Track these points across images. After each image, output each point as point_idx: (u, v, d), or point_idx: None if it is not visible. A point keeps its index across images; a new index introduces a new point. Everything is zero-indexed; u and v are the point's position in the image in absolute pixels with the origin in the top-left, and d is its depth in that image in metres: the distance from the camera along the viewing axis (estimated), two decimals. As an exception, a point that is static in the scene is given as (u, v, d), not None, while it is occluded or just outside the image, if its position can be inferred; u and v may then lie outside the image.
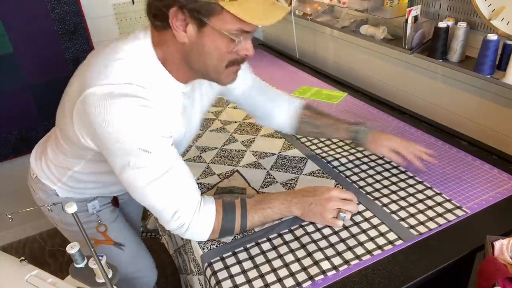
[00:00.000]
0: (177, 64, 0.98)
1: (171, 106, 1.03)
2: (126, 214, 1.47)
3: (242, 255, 1.04)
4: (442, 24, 1.39)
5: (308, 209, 1.10)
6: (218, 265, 1.02)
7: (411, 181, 1.25)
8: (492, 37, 1.25)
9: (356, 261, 0.99)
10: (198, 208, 1.01)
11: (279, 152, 1.45)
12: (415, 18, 1.50)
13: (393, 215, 1.12)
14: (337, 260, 1.00)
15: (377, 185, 1.25)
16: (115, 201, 1.37)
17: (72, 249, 0.83)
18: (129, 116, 0.89)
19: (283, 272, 0.98)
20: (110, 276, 0.85)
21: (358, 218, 1.12)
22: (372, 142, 1.29)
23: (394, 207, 1.15)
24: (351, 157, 1.39)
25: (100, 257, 0.81)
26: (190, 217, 0.99)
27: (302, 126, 1.35)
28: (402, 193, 1.20)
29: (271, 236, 1.09)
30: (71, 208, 0.75)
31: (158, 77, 0.98)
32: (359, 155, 1.40)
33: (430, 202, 1.16)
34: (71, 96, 0.96)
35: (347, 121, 1.35)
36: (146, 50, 0.96)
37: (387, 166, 1.33)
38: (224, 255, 1.04)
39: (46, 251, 2.49)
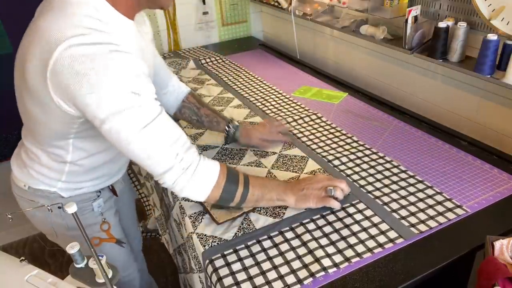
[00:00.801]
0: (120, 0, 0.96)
1: (134, 46, 1.01)
2: (120, 208, 1.45)
3: (243, 252, 1.04)
4: (442, 24, 1.40)
5: (302, 194, 1.14)
6: (219, 262, 1.02)
7: (411, 180, 1.25)
8: (492, 37, 1.25)
9: (357, 258, 1.00)
10: (202, 156, 1.01)
11: (280, 151, 1.45)
12: (415, 18, 1.50)
13: (394, 214, 1.13)
14: (338, 258, 1.00)
15: (378, 184, 1.25)
16: (113, 191, 1.35)
17: (72, 249, 0.83)
18: (112, 61, 0.86)
19: (284, 269, 0.98)
20: (110, 276, 0.85)
21: (359, 216, 1.13)
22: (245, 136, 1.45)
23: (394, 205, 1.16)
24: (352, 156, 1.39)
25: (100, 257, 0.81)
26: (197, 158, 0.98)
27: (183, 110, 1.42)
28: (403, 192, 1.21)
29: (272, 234, 1.09)
30: (71, 208, 0.75)
31: (114, 20, 0.95)
32: (359, 154, 1.40)
33: (430, 201, 1.16)
34: (39, 66, 0.89)
35: (222, 115, 1.49)
36: None
37: (388, 165, 1.33)
38: (225, 252, 1.05)
39: (46, 251, 2.49)
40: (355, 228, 1.09)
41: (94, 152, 1.13)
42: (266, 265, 1.00)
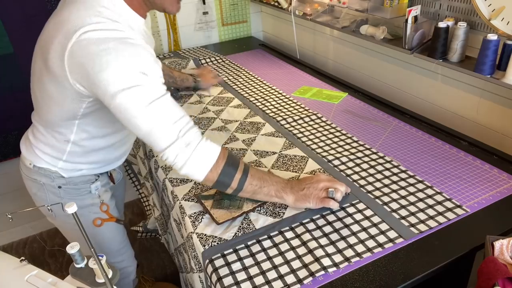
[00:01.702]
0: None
1: (142, 42, 1.08)
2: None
3: (243, 252, 1.04)
4: (442, 24, 1.40)
5: (301, 193, 1.14)
6: (219, 262, 1.02)
7: (411, 180, 1.25)
8: (492, 37, 1.25)
9: (357, 258, 1.00)
10: (202, 136, 1.06)
11: (280, 151, 1.45)
12: (415, 18, 1.50)
13: (394, 214, 1.13)
14: (337, 258, 1.00)
15: (378, 184, 1.25)
16: (111, 178, 1.43)
17: (72, 249, 0.83)
18: (124, 44, 0.97)
19: (284, 269, 0.98)
20: (110, 276, 0.85)
21: (358, 216, 1.13)
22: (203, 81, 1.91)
23: (394, 205, 1.16)
24: (352, 156, 1.39)
25: (100, 257, 0.81)
26: (197, 138, 1.03)
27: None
28: (403, 192, 1.21)
29: (271, 234, 1.09)
30: (71, 208, 0.75)
31: (127, 14, 1.07)
32: (359, 154, 1.40)
33: (430, 201, 1.16)
34: (58, 48, 1.00)
35: (186, 74, 1.92)
36: None
37: (388, 165, 1.33)
38: (225, 252, 1.05)
39: (46, 251, 2.49)
40: (355, 228, 1.09)
41: (96, 135, 1.21)
42: (266, 265, 1.00)
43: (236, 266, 1.01)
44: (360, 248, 1.03)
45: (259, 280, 0.96)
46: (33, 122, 1.26)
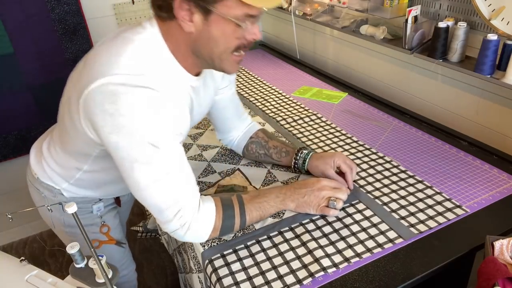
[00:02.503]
0: (185, 55, 0.97)
1: (181, 100, 1.01)
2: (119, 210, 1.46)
3: (243, 253, 1.04)
4: (442, 24, 1.40)
5: (302, 200, 1.12)
6: (218, 262, 1.02)
7: (411, 180, 1.25)
8: (492, 37, 1.25)
9: (357, 259, 1.00)
10: (198, 206, 1.00)
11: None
12: (415, 18, 1.50)
13: (393, 214, 1.13)
14: (337, 258, 1.00)
15: (377, 184, 1.25)
16: (117, 200, 1.37)
17: (72, 249, 0.83)
18: (141, 108, 0.87)
19: (283, 270, 0.98)
20: (110, 276, 0.85)
21: (358, 217, 1.13)
22: (314, 167, 1.26)
23: (394, 205, 1.16)
24: (352, 157, 1.39)
25: (100, 257, 0.81)
26: (192, 216, 0.99)
27: (250, 146, 1.37)
28: (402, 192, 1.21)
29: (271, 234, 1.09)
30: (71, 208, 0.75)
31: (169, 69, 0.96)
32: (359, 155, 1.40)
33: (430, 201, 1.16)
34: (77, 89, 0.92)
35: (293, 145, 1.35)
36: (156, 41, 0.94)
37: (387, 165, 1.33)
38: (225, 252, 1.05)
39: (46, 251, 2.49)
40: (355, 228, 1.09)
41: (110, 170, 1.13)
42: (266, 265, 1.00)
43: (236, 266, 1.01)
44: (359, 248, 1.03)
45: (258, 280, 0.96)
46: (53, 136, 1.19)
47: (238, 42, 0.93)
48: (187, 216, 0.98)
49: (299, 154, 1.29)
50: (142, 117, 0.87)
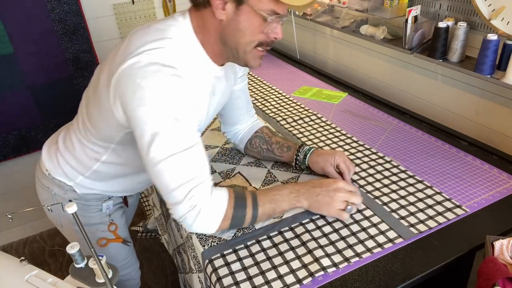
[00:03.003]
0: (213, 45, 1.03)
1: (203, 88, 1.07)
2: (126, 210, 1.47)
3: (243, 252, 1.04)
4: (442, 24, 1.40)
5: (316, 200, 1.11)
6: (218, 262, 1.02)
7: (411, 180, 1.25)
8: (492, 37, 1.25)
9: (356, 258, 1.00)
10: (211, 191, 1.01)
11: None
12: (415, 18, 1.50)
13: (393, 214, 1.13)
14: (337, 258, 1.00)
15: (377, 184, 1.25)
16: (125, 201, 1.39)
17: (72, 249, 0.83)
18: (168, 84, 0.92)
19: (283, 269, 0.98)
20: (110, 276, 0.85)
21: (358, 216, 1.13)
22: (314, 162, 1.28)
23: (394, 205, 1.16)
24: (352, 157, 1.39)
25: (100, 257, 0.81)
26: (204, 198, 0.98)
27: (254, 140, 1.39)
28: (402, 192, 1.21)
29: (271, 234, 1.09)
30: (71, 208, 0.75)
31: (196, 59, 1.03)
32: (359, 155, 1.40)
33: (430, 201, 1.16)
34: (109, 72, 0.98)
35: (294, 141, 1.38)
36: (187, 32, 1.01)
37: (387, 165, 1.33)
38: (225, 252, 1.05)
39: (46, 251, 2.49)
40: (355, 228, 1.09)
41: (127, 162, 1.17)
42: (266, 265, 1.00)
43: (236, 266, 1.01)
44: (359, 248, 1.03)
45: (258, 280, 0.96)
46: (68, 129, 1.22)
47: (262, 37, 1.00)
48: (198, 198, 0.97)
49: (301, 150, 1.30)
50: (168, 93, 0.92)
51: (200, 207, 0.98)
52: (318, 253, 1.01)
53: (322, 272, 0.96)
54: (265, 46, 1.03)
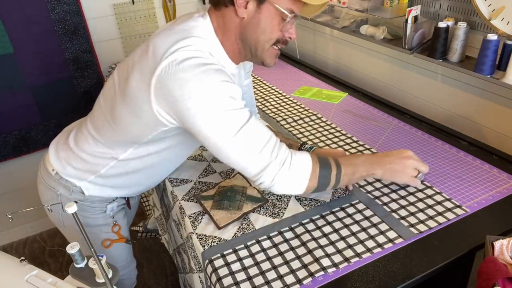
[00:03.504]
0: (233, 43, 1.07)
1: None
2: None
3: (243, 253, 1.04)
4: (442, 24, 1.40)
5: (389, 167, 1.12)
6: (218, 262, 1.02)
7: (411, 180, 1.25)
8: (492, 37, 1.25)
9: (356, 258, 1.00)
10: (292, 150, 1.05)
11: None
12: (415, 18, 1.50)
13: (393, 214, 1.13)
14: (337, 258, 1.00)
15: (377, 184, 1.25)
16: (127, 203, 1.40)
17: (72, 249, 0.83)
18: (212, 72, 0.96)
19: (283, 269, 0.98)
20: (110, 276, 0.85)
21: (358, 217, 1.13)
22: None
23: (394, 205, 1.16)
24: (351, 157, 1.39)
25: (100, 257, 0.81)
26: (289, 153, 1.02)
27: None
28: (402, 192, 1.21)
29: (271, 234, 1.09)
30: (71, 208, 0.75)
31: (218, 57, 1.05)
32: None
33: (430, 201, 1.16)
34: (144, 75, 0.99)
35: (295, 139, 1.39)
36: (208, 31, 1.05)
37: (387, 165, 1.33)
38: (225, 252, 1.05)
39: (46, 251, 2.49)
40: (355, 228, 1.09)
41: (145, 157, 1.18)
42: (266, 265, 1.00)
43: (236, 266, 1.01)
44: (359, 248, 1.03)
45: (258, 280, 0.96)
46: (81, 128, 1.23)
47: (279, 35, 1.06)
48: (284, 154, 1.02)
49: (302, 148, 1.32)
50: (216, 78, 0.96)
51: (289, 162, 1.02)
52: (318, 253, 1.01)
53: (322, 272, 0.96)
54: (281, 44, 1.08)
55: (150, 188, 1.42)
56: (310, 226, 1.11)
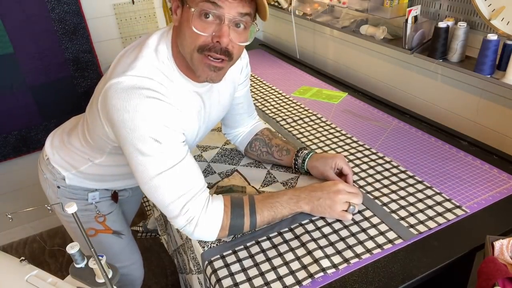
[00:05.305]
0: (181, 58, 1.01)
1: (186, 104, 1.05)
2: (122, 212, 1.48)
3: (242, 253, 1.04)
4: (442, 24, 1.39)
5: (317, 203, 1.10)
6: (218, 263, 1.02)
7: (411, 181, 1.25)
8: (492, 37, 1.25)
9: (356, 259, 1.00)
10: (207, 204, 1.01)
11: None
12: (415, 18, 1.50)
13: (393, 214, 1.13)
14: (337, 259, 1.00)
15: (377, 184, 1.25)
16: (114, 196, 1.40)
17: (72, 249, 0.83)
18: (145, 106, 0.93)
19: (283, 270, 0.98)
20: (110, 276, 0.84)
21: (358, 217, 1.13)
22: (312, 167, 1.27)
23: (394, 206, 1.16)
24: (351, 157, 1.39)
25: (100, 257, 0.81)
26: (199, 211, 1.00)
27: (254, 143, 1.38)
28: (402, 192, 1.20)
29: (271, 235, 1.09)
30: (71, 208, 0.75)
31: (173, 75, 1.02)
32: (359, 155, 1.40)
33: (430, 202, 1.16)
34: (102, 85, 1.01)
35: (294, 145, 1.35)
36: (166, 48, 1.01)
37: (387, 165, 1.33)
38: (224, 253, 1.05)
39: (46, 251, 2.49)
40: (354, 229, 1.09)
41: (119, 167, 1.21)
42: (265, 266, 1.00)
43: (235, 267, 1.01)
44: (359, 249, 1.03)
45: (258, 281, 0.96)
46: (77, 125, 1.25)
47: (202, 40, 0.92)
48: (194, 212, 0.99)
49: (299, 154, 1.29)
50: (144, 115, 0.93)
51: (196, 220, 1.00)
52: (318, 254, 1.01)
53: (321, 273, 0.96)
54: (213, 53, 0.93)
55: (133, 186, 1.41)
56: (310, 227, 1.10)
